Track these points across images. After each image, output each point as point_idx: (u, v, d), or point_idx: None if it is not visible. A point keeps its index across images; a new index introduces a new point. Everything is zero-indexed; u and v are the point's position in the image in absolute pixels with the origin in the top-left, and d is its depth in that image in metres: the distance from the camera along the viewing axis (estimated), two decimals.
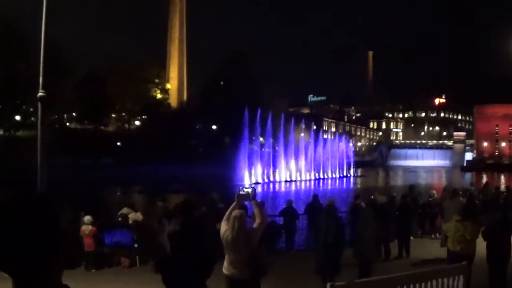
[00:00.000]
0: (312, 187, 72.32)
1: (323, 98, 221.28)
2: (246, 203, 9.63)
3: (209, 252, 8.54)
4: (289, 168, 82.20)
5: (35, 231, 1.88)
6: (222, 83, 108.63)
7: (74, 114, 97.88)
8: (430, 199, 22.87)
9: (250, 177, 73.62)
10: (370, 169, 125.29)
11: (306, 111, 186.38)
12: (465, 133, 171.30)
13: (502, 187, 36.10)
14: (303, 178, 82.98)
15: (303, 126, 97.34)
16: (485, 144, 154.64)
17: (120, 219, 18.27)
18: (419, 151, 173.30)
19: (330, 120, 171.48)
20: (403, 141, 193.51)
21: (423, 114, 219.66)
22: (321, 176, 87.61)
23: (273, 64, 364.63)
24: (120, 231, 17.06)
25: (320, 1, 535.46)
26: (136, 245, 16.30)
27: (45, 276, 1.91)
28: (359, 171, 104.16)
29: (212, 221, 15.08)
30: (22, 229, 1.85)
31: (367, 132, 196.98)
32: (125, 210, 18.61)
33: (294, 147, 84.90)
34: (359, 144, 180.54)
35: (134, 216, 18.09)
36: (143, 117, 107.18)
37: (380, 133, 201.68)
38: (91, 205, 20.97)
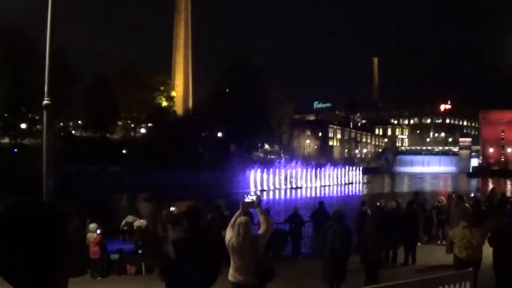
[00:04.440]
0: (318, 194, 72.26)
1: (328, 104, 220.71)
2: (251, 210, 9.64)
3: (213, 259, 8.55)
4: (295, 175, 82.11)
5: (42, 241, 1.86)
6: (227, 90, 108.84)
7: (80, 122, 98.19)
8: (439, 205, 22.82)
9: (255, 184, 73.65)
10: (376, 175, 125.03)
11: (311, 117, 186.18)
12: (470, 139, 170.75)
13: (509, 193, 36.08)
14: (309, 185, 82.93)
15: (309, 132, 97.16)
16: (491, 150, 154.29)
17: (125, 228, 18.29)
18: (425, 157, 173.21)
19: (335, 126, 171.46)
20: (409, 148, 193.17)
21: (429, 120, 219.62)
22: (327, 183, 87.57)
23: (279, 71, 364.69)
24: (123, 238, 17.10)
25: (325, 7, 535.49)
26: (140, 252, 16.30)
27: (50, 285, 1.91)
28: (365, 178, 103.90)
29: (217, 228, 15.11)
30: (29, 238, 1.84)
31: (373, 138, 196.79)
32: (130, 219, 18.64)
33: (299, 154, 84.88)
34: (364, 150, 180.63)
35: (139, 223, 18.13)
36: (149, 124, 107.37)
37: (386, 140, 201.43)
38: (98, 213, 21.01)
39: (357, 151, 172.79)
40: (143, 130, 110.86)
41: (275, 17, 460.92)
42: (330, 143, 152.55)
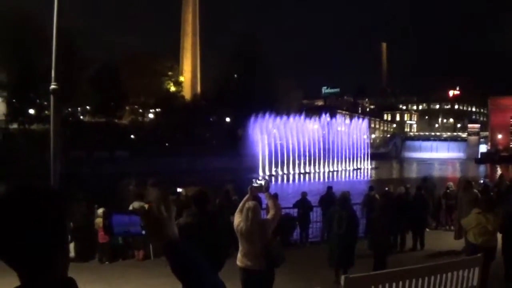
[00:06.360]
0: (326, 179, 72.11)
1: (337, 90, 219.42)
2: (260, 195, 9.60)
3: (221, 244, 8.52)
4: (303, 161, 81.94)
5: (39, 225, 1.84)
6: (235, 75, 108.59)
7: (88, 107, 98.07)
8: (448, 190, 22.72)
9: (264, 169, 73.64)
10: (385, 161, 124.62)
11: (320, 103, 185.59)
12: (479, 125, 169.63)
13: None
14: (317, 170, 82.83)
15: (317, 118, 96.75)
16: (500, 136, 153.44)
17: None
18: (433, 143, 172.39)
19: (344, 112, 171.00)
20: (417, 133, 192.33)
21: (437, 106, 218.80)
22: (335, 168, 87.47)
23: (287, 56, 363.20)
24: (129, 219, 17.07)
25: None
26: (143, 232, 16.31)
27: (49, 269, 1.88)
28: (373, 163, 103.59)
29: (226, 213, 15.08)
30: (26, 222, 1.81)
31: (381, 124, 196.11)
32: (136, 204, 18.58)
33: (308, 139, 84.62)
34: (373, 136, 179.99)
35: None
36: (157, 109, 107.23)
37: (394, 125, 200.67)
38: (106, 198, 21.03)
39: (365, 136, 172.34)
40: (151, 115, 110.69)
41: (284, 2, 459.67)
42: (338, 128, 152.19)
